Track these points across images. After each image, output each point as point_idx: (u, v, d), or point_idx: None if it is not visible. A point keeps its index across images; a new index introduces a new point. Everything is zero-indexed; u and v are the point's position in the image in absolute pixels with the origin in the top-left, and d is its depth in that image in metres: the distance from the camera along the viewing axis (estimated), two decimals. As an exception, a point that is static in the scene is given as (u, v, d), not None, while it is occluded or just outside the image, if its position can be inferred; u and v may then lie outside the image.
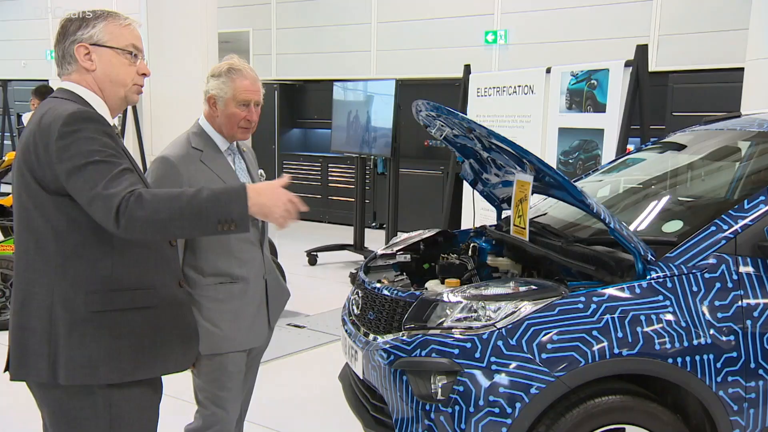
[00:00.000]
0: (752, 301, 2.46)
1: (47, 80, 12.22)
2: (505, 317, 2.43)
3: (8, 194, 9.47)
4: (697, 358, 2.39)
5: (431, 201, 8.77)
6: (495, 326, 2.42)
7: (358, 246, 7.34)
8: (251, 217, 1.73)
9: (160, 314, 1.86)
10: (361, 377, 2.80)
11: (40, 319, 1.76)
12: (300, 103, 10.95)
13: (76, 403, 1.78)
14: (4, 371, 1.87)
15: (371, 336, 2.75)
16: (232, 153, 2.56)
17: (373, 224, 9.46)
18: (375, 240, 7.80)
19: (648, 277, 2.46)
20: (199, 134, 2.50)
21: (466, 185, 6.09)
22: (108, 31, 1.84)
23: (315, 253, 7.24)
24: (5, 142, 13.04)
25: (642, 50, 4.60)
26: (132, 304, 1.81)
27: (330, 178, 10.28)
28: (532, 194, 2.83)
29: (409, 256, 3.35)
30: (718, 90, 6.99)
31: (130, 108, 7.71)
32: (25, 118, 7.92)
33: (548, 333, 2.37)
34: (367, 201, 8.12)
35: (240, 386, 2.55)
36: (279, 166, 10.71)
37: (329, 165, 10.23)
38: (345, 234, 7.48)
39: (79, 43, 1.82)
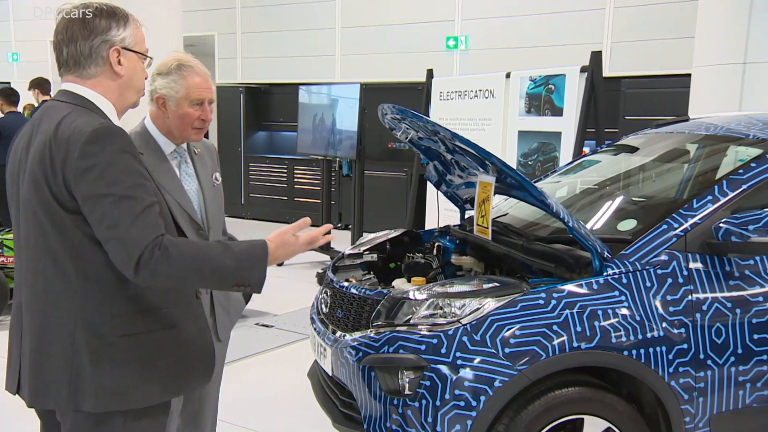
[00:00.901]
0: (701, 296, 2.53)
1: (8, 83, 11.90)
2: (470, 314, 2.45)
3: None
4: (651, 350, 2.45)
5: (395, 202, 8.80)
6: (460, 322, 2.45)
7: (325, 246, 7.30)
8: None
9: (183, 331, 1.73)
10: (330, 374, 2.81)
11: (62, 345, 1.61)
12: (265, 106, 10.88)
13: (93, 426, 1.65)
14: (15, 393, 1.74)
15: (340, 334, 2.76)
16: (179, 156, 2.34)
17: (339, 225, 9.45)
18: (341, 240, 7.78)
19: (604, 273, 2.51)
20: (142, 135, 2.28)
21: (429, 186, 6.13)
22: (134, 34, 1.70)
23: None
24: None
25: (596, 57, 4.69)
26: (158, 324, 1.68)
27: (296, 179, 10.24)
28: (494, 195, 2.87)
29: (375, 256, 3.36)
30: (667, 95, 7.15)
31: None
32: None
33: (511, 328, 2.41)
34: (332, 202, 8.11)
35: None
36: (245, 169, 10.62)
37: (295, 167, 10.19)
38: (311, 234, 7.46)
39: (113, 45, 1.66)
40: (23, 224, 1.67)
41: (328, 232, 1.88)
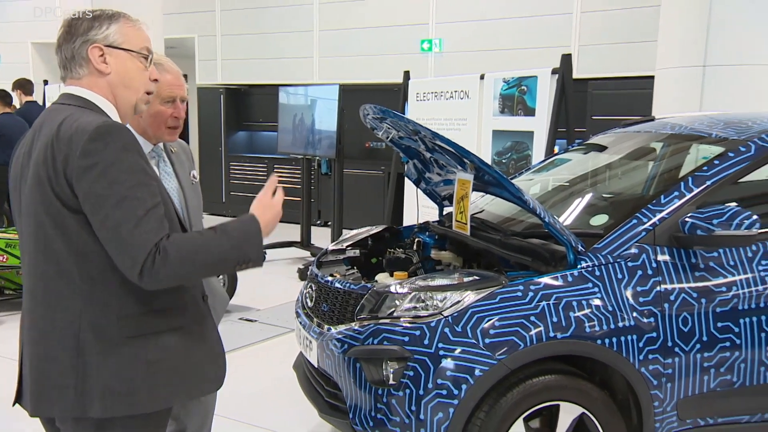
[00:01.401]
0: (669, 286, 2.57)
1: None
2: (451, 306, 2.47)
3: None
4: (622, 338, 2.49)
5: (373, 199, 8.80)
6: (442, 314, 2.46)
7: (305, 243, 7.31)
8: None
9: (191, 333, 1.66)
10: (316, 366, 2.80)
11: (65, 349, 1.53)
12: (245, 107, 10.80)
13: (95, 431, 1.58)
14: (14, 404, 1.68)
15: (325, 327, 2.76)
16: (157, 156, 2.28)
17: (318, 222, 9.43)
18: (321, 237, 7.78)
19: (579, 266, 2.54)
20: None
21: (407, 184, 6.14)
22: (122, 33, 1.64)
23: (264, 250, 7.17)
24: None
25: (566, 59, 4.73)
26: (166, 325, 1.61)
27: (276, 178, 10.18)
28: (472, 192, 2.89)
29: (358, 251, 3.37)
30: (632, 96, 7.25)
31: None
32: None
33: (490, 319, 2.43)
34: (312, 200, 8.08)
35: None
36: (226, 167, 10.55)
37: (275, 166, 10.13)
38: (291, 232, 7.42)
39: (93, 44, 1.60)
40: (25, 229, 1.61)
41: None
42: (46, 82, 10.22)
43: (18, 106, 7.44)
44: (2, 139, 6.85)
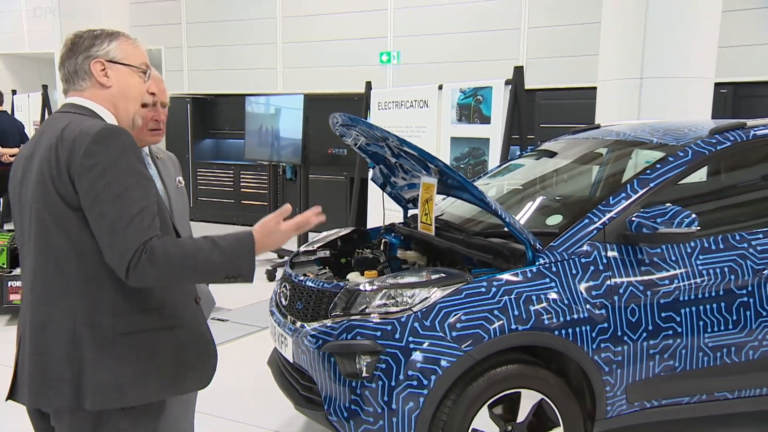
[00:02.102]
0: (618, 280, 2.64)
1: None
2: (420, 302, 2.50)
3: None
4: (577, 329, 2.55)
5: (335, 203, 8.77)
6: (411, 310, 2.48)
7: (272, 244, 7.25)
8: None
9: (182, 333, 1.65)
10: (291, 361, 2.79)
11: (61, 344, 1.54)
12: (212, 116, 10.66)
13: (91, 425, 1.57)
14: (7, 399, 1.65)
15: (299, 324, 2.75)
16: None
17: (284, 225, 9.34)
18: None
19: (537, 263, 2.59)
20: None
21: (370, 188, 6.16)
22: (122, 49, 1.68)
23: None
24: None
25: (519, 71, 4.82)
26: (157, 324, 1.61)
27: (242, 183, 10.08)
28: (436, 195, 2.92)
29: (328, 252, 3.37)
30: (576, 105, 7.40)
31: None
32: None
33: (457, 314, 2.46)
34: (278, 204, 8.02)
35: None
36: (193, 174, 10.38)
37: (241, 172, 10.03)
38: (258, 234, 7.38)
39: (95, 59, 1.65)
40: (26, 227, 1.61)
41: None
42: (14, 92, 9.91)
43: None
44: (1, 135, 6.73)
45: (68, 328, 1.54)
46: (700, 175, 3.22)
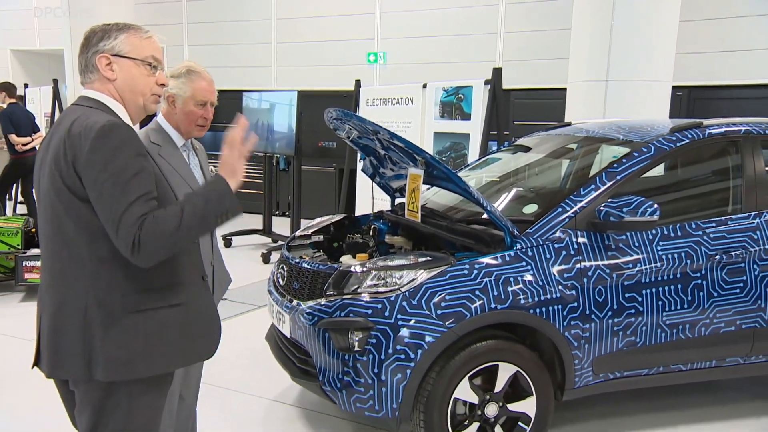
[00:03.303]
0: (587, 264, 2.67)
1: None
2: (407, 283, 2.50)
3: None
4: (550, 308, 2.57)
5: (325, 192, 8.75)
6: (399, 290, 2.49)
7: (267, 230, 7.21)
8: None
9: (188, 309, 1.63)
10: (288, 336, 2.79)
11: (75, 321, 1.54)
12: (210, 110, 10.54)
13: (102, 395, 1.57)
14: (32, 367, 1.66)
15: (296, 302, 2.74)
16: (187, 150, 2.33)
17: (277, 212, 9.30)
18: (280, 225, 7.68)
19: (514, 248, 2.61)
20: (158, 131, 2.27)
21: (359, 178, 6.14)
22: (129, 43, 1.64)
23: (230, 237, 7.03)
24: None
25: (497, 72, 4.81)
26: (165, 302, 1.59)
27: (238, 173, 10.00)
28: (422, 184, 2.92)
29: (322, 237, 3.35)
30: (547, 104, 7.43)
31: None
32: None
33: (441, 294, 2.47)
34: (272, 193, 7.96)
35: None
36: (193, 164, 10.27)
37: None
38: (254, 221, 7.30)
39: (101, 53, 1.62)
40: (42, 214, 1.59)
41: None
42: (26, 86, 9.72)
43: (4, 106, 7.10)
44: (16, 124, 6.61)
45: (81, 307, 1.54)
46: (661, 168, 3.25)
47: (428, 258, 2.59)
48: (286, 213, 8.49)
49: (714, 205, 3.11)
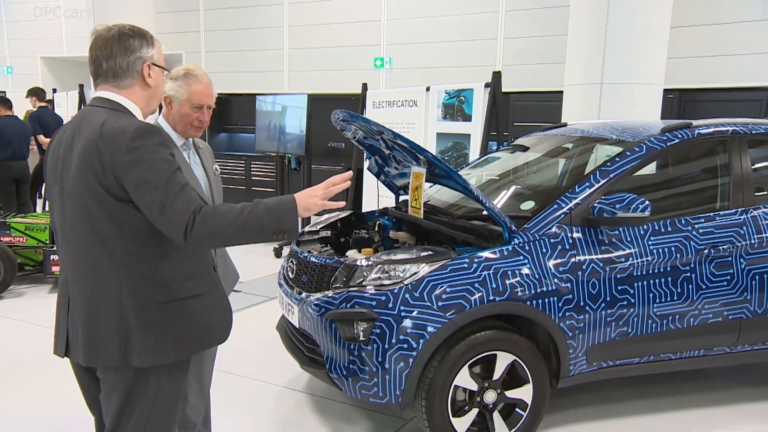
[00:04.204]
0: (582, 258, 2.64)
1: (4, 92, 11.05)
2: (410, 276, 2.48)
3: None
4: (546, 300, 2.55)
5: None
6: (402, 283, 2.47)
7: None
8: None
9: (207, 298, 1.66)
10: (297, 326, 2.78)
11: (110, 312, 1.54)
12: (226, 113, 10.52)
13: (133, 381, 1.59)
14: (64, 356, 1.65)
15: (304, 294, 2.73)
16: (188, 149, 2.26)
17: (289, 209, 9.29)
18: (292, 221, 7.68)
19: (512, 242, 2.58)
20: None
21: (365, 177, 6.11)
22: (159, 53, 1.66)
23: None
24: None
25: (497, 75, 4.77)
26: (189, 293, 1.61)
27: (252, 173, 10.00)
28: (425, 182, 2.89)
29: (329, 232, 3.34)
30: (545, 106, 7.37)
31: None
32: None
33: (442, 286, 2.45)
34: (284, 191, 7.96)
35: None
36: (210, 163, 10.30)
37: (251, 162, 9.94)
38: (268, 216, 7.34)
39: (146, 61, 1.61)
40: (69, 211, 1.56)
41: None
42: (54, 90, 9.78)
43: (34, 109, 7.14)
44: (2, 139, 6.55)
45: (116, 299, 1.54)
46: (653, 167, 3.21)
47: (430, 252, 2.57)
48: (298, 209, 8.45)
49: (703, 202, 3.07)
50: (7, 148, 6.43)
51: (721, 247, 2.82)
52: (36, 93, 7.14)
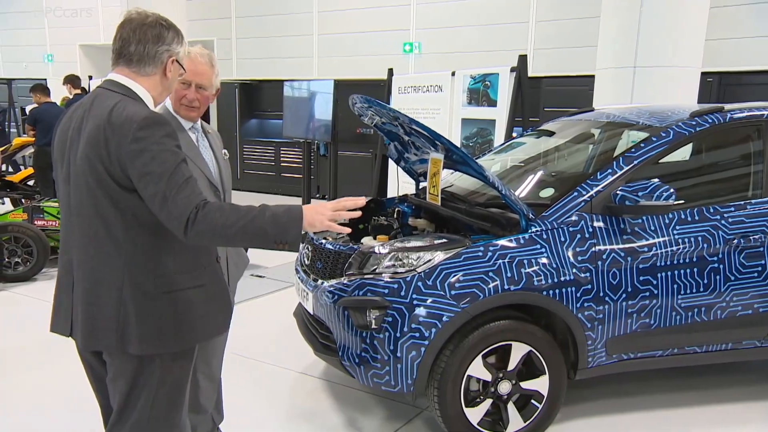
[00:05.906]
0: (602, 247, 2.56)
1: (45, 79, 11.39)
2: (424, 264, 2.45)
3: (15, 172, 8.90)
4: (564, 290, 2.48)
5: (363, 176, 8.73)
6: (416, 271, 2.44)
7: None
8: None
9: (209, 289, 1.65)
10: (312, 313, 2.79)
11: (111, 298, 1.54)
12: (256, 99, 10.62)
13: (137, 367, 1.59)
14: (69, 335, 1.65)
15: (319, 281, 2.73)
16: (196, 132, 2.22)
17: (317, 195, 9.35)
18: (319, 207, 7.72)
19: (529, 231, 2.52)
20: (164, 114, 2.13)
21: (391, 163, 6.07)
22: (183, 52, 1.68)
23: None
24: (12, 130, 12.10)
25: (523, 59, 4.65)
26: (191, 283, 1.60)
27: (282, 158, 10.08)
28: (443, 169, 2.84)
29: (347, 219, 3.32)
30: (576, 91, 7.18)
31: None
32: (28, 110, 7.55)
33: (456, 275, 2.41)
34: (312, 177, 8.00)
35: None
36: (240, 150, 10.43)
37: (281, 148, 10.02)
38: (294, 203, 7.39)
39: (173, 56, 1.63)
40: (74, 194, 1.57)
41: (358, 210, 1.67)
42: (90, 78, 10.03)
43: (70, 96, 7.35)
44: (42, 125, 6.77)
45: (117, 286, 1.54)
46: (681, 153, 3.08)
47: (444, 240, 2.53)
48: (326, 196, 8.50)
49: (734, 190, 2.93)
50: (47, 135, 6.64)
51: (752, 237, 2.69)
52: (71, 80, 7.35)
